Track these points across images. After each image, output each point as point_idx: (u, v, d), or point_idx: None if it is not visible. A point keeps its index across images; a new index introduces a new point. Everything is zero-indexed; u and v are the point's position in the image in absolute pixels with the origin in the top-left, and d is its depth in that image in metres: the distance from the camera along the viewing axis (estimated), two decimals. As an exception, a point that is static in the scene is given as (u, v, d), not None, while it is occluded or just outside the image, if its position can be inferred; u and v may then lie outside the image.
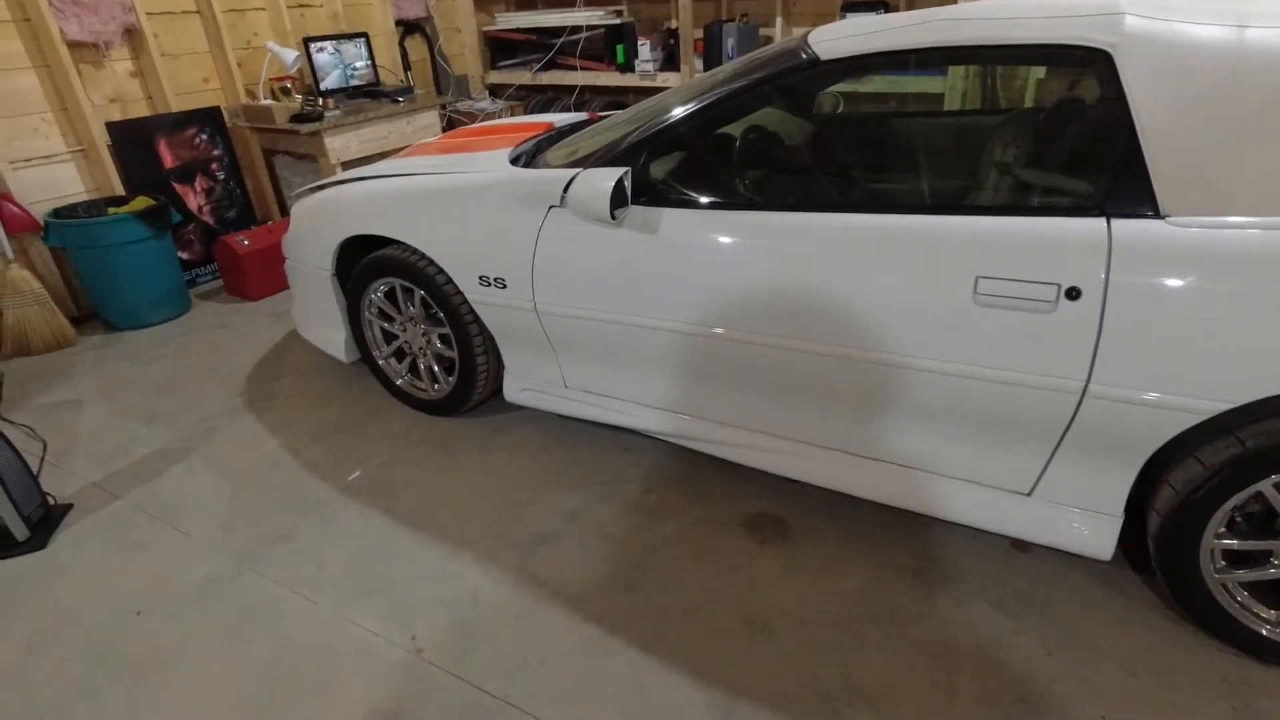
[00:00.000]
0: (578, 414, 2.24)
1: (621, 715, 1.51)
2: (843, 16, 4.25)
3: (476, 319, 2.26)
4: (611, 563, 1.91)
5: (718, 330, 1.81)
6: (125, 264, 3.27)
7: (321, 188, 2.62)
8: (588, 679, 1.59)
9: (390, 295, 2.45)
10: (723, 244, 1.75)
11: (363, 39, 4.22)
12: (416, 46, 5.02)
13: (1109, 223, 1.38)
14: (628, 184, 1.80)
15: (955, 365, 1.56)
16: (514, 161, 2.24)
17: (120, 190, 3.54)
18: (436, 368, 2.50)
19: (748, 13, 4.81)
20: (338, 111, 3.87)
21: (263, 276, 3.69)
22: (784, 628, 1.70)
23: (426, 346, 2.46)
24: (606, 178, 1.77)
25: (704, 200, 1.81)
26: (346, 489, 2.24)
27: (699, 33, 4.67)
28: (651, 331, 1.91)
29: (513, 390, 2.34)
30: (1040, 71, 3.24)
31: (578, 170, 1.89)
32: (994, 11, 1.58)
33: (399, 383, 2.60)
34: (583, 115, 2.87)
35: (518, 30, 5.07)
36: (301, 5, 4.23)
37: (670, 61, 4.80)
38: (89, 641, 1.76)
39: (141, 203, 3.38)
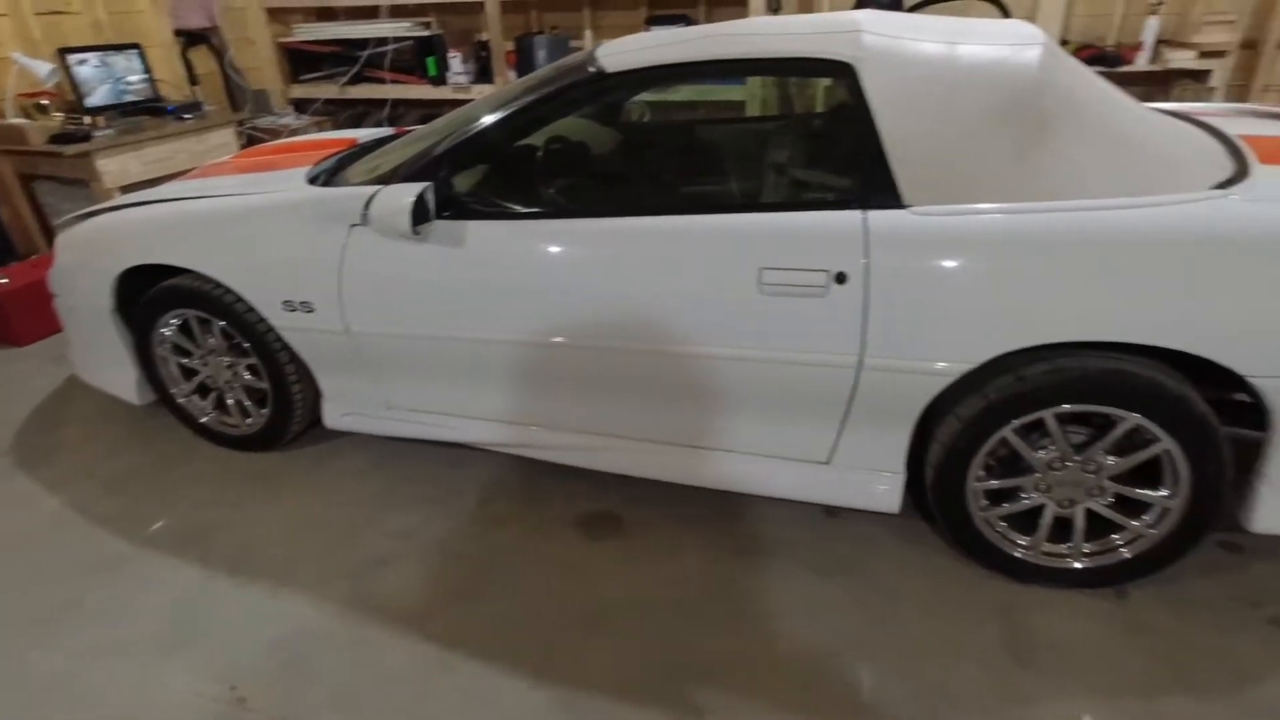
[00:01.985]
0: (405, 434, 2.19)
1: (466, 728, 1.51)
2: (648, 29, 4.44)
3: (286, 346, 2.15)
4: (450, 578, 1.89)
5: (532, 337, 1.85)
6: None
7: (94, 214, 2.38)
8: (430, 698, 1.57)
9: (185, 328, 2.27)
10: (529, 252, 1.80)
11: (135, 50, 3.86)
12: (204, 59, 4.66)
13: (865, 214, 1.57)
14: (430, 198, 1.80)
15: (751, 351, 1.69)
16: (313, 180, 2.16)
17: None
18: (247, 401, 2.34)
19: (557, 25, 4.90)
20: (110, 130, 3.50)
21: (31, 318, 3.26)
22: (623, 619, 1.76)
23: (233, 379, 2.31)
24: (407, 193, 1.76)
25: (510, 210, 1.84)
26: (150, 540, 2.05)
27: (511, 45, 4.70)
28: (469, 344, 1.92)
29: (333, 416, 2.24)
30: (826, 81, 3.56)
31: (378, 187, 1.86)
32: (760, 28, 1.74)
33: (204, 421, 2.41)
34: (388, 130, 2.80)
35: (320, 42, 4.84)
36: (55, 12, 3.79)
37: (484, 74, 4.78)
38: None
39: None
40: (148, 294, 2.20)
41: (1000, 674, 1.59)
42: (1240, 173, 1.55)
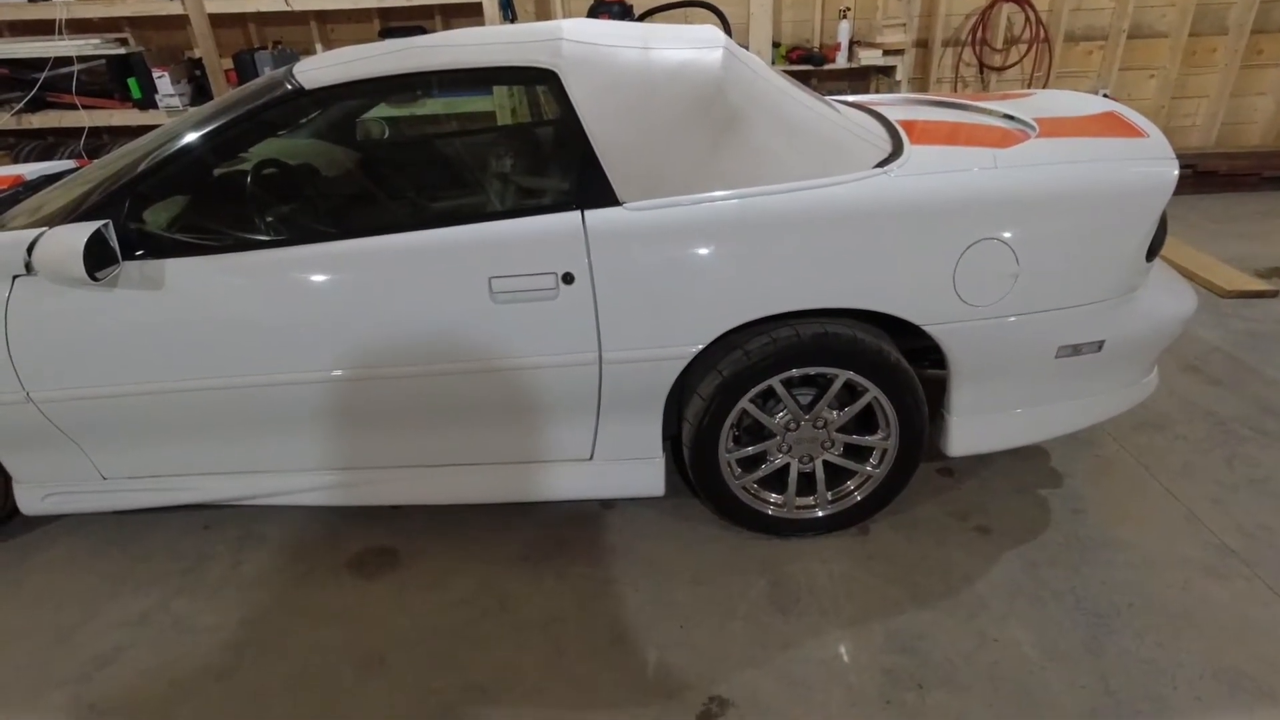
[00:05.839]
0: (132, 505, 1.93)
1: (226, 819, 1.36)
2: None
3: (-50, 427, 1.80)
4: (200, 655, 1.69)
5: (261, 377, 1.70)
6: None
7: None
8: (179, 797, 1.40)
9: None
10: (247, 287, 1.65)
11: None
12: None
13: (583, 214, 1.61)
14: (111, 237, 1.59)
15: (496, 361, 1.68)
16: (-41, 227, 1.82)
17: None
18: (-90, 500, 1.94)
19: (281, 40, 4.57)
20: None
21: None
22: (399, 654, 1.68)
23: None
24: (79, 233, 1.53)
25: (219, 244, 1.68)
26: None
27: (229, 63, 4.30)
28: (189, 394, 1.72)
29: (31, 501, 1.92)
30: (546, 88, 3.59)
31: (42, 230, 1.61)
32: (464, 39, 1.73)
33: None
34: (69, 164, 2.45)
35: (-20, 65, 4.11)
36: None
37: (202, 94, 4.35)
38: None
39: None
40: None
41: (766, 626, 1.71)
42: (896, 152, 1.79)
